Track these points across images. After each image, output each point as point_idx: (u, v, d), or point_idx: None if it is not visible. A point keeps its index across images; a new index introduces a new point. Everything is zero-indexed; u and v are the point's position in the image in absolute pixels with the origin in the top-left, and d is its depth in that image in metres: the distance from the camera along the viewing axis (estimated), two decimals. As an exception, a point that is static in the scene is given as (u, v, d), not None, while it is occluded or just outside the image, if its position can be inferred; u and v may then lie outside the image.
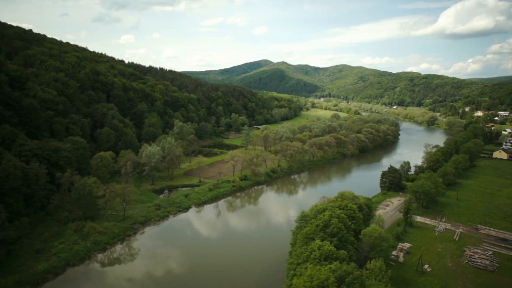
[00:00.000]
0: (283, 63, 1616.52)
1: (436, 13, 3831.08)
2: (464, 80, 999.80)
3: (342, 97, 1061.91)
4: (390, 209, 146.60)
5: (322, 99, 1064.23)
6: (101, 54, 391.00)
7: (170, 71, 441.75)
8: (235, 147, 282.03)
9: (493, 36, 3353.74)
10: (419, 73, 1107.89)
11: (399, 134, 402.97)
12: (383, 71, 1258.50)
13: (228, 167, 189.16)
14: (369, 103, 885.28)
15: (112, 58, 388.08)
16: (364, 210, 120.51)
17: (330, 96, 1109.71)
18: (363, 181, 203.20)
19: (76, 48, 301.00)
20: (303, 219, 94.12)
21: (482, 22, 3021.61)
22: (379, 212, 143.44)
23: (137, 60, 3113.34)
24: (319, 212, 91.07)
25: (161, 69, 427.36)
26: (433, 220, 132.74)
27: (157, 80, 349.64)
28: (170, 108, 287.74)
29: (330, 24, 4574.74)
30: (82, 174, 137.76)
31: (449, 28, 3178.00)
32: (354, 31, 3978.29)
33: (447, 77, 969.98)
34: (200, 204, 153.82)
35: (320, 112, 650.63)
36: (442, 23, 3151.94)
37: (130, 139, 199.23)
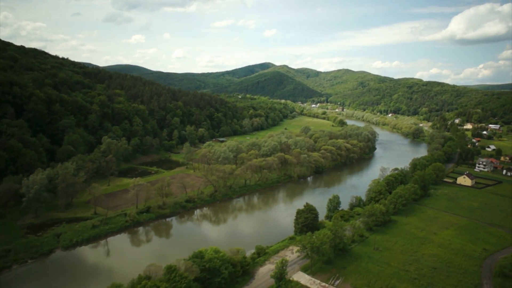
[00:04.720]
0: (284, 66, 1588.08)
1: (449, 17, 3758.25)
2: (465, 87, 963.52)
3: (339, 103, 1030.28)
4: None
5: (318, 104, 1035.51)
6: (60, 58, 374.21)
7: (138, 78, 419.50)
8: (179, 164, 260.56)
9: (504, 42, 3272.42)
10: (420, 80, 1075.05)
11: (374, 149, 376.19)
12: (384, 77, 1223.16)
13: (131, 197, 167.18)
14: (364, 110, 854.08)
15: (72, 63, 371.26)
16: (222, 275, 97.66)
17: (327, 102, 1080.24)
18: (289, 214, 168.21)
19: (12, 54, 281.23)
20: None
21: (494, 28, 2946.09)
22: (267, 267, 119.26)
23: (146, 60, 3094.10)
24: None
25: (125, 75, 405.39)
26: (323, 284, 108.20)
27: (113, 88, 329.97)
28: (109, 122, 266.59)
29: (341, 27, 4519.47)
30: None
31: (459, 33, 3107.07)
32: (364, 35, 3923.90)
33: (447, 85, 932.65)
34: (69, 246, 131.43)
35: (305, 120, 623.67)
36: (453, 28, 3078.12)
37: (29, 161, 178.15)
